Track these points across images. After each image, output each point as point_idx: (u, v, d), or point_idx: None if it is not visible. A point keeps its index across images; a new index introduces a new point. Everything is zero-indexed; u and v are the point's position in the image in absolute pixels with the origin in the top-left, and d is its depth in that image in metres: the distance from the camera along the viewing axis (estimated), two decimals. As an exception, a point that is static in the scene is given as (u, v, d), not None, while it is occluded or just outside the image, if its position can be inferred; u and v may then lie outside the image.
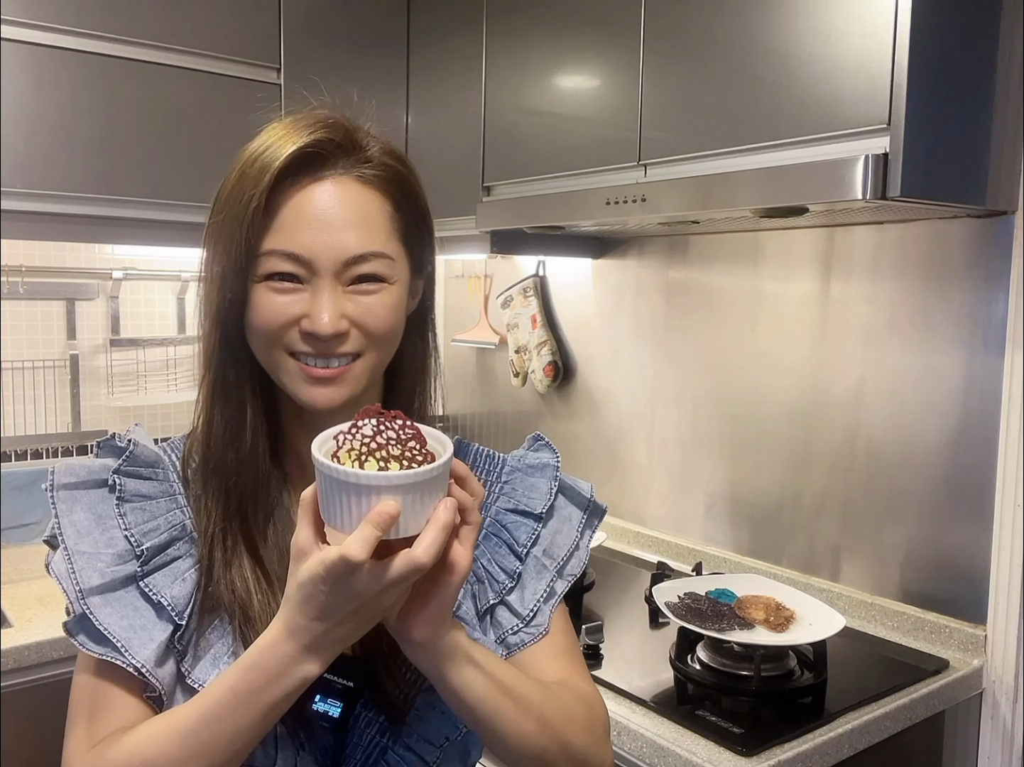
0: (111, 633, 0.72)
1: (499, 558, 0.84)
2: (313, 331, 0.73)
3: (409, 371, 0.84)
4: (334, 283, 0.74)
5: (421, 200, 0.81)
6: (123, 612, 0.73)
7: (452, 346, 2.64)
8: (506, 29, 1.89)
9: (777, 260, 1.82)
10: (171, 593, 0.75)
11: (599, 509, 0.91)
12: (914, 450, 1.61)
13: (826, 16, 1.29)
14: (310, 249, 0.73)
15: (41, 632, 1.59)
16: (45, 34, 1.68)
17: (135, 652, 0.72)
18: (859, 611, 1.68)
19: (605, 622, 1.60)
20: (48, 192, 1.71)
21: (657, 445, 2.10)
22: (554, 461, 0.89)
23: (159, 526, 0.77)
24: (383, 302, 0.76)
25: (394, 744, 0.78)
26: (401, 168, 0.79)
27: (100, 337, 2.19)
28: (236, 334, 0.77)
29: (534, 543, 0.85)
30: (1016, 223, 1.46)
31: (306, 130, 0.74)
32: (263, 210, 0.73)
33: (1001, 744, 1.53)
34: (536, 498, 0.86)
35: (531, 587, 0.84)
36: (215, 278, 0.76)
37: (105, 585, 0.74)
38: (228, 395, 0.78)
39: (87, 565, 0.74)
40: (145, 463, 0.80)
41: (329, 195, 0.74)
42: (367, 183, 0.76)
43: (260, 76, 1.94)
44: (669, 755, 1.24)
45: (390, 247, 0.77)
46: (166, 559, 0.76)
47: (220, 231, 0.75)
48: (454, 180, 2.02)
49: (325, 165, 0.75)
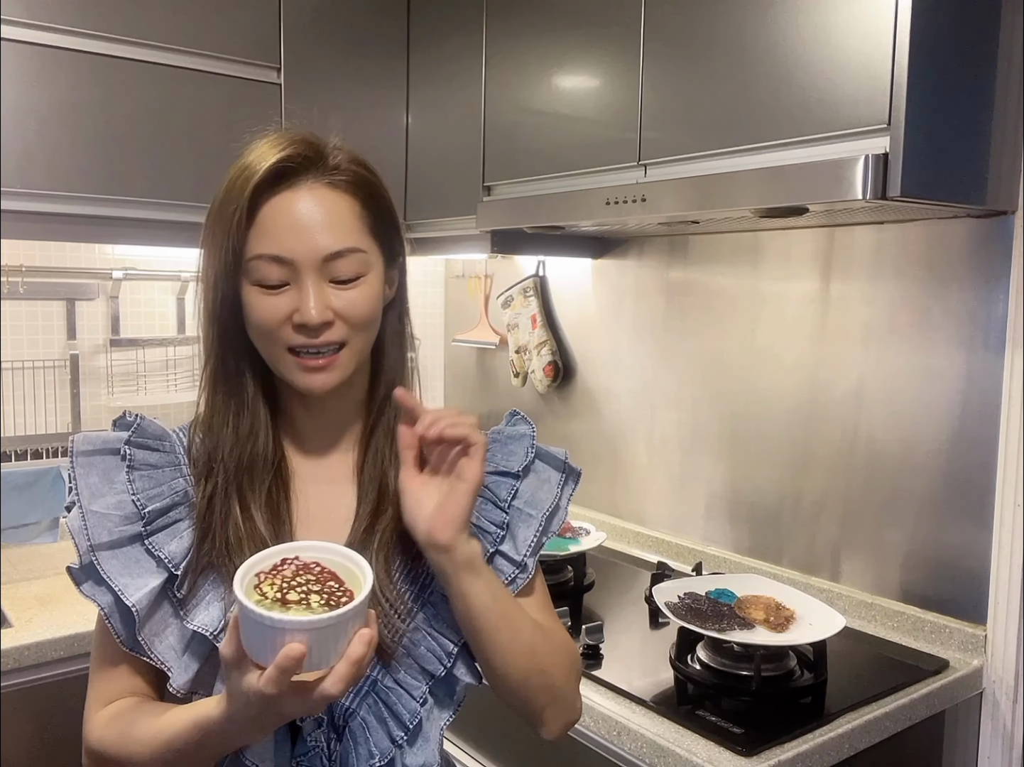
0: (111, 578, 0.83)
1: (486, 513, 0.92)
2: (303, 322, 0.83)
3: (391, 352, 0.94)
4: (317, 279, 0.84)
5: (385, 198, 0.90)
6: (126, 563, 0.84)
7: (452, 346, 2.64)
8: (506, 29, 1.89)
9: (777, 260, 1.82)
10: (169, 549, 0.85)
11: (574, 471, 0.98)
12: (914, 450, 1.61)
13: (826, 16, 1.29)
14: (291, 250, 0.83)
15: (41, 632, 1.59)
16: (45, 34, 1.68)
17: (130, 594, 0.83)
18: (859, 611, 1.68)
19: (605, 622, 1.60)
20: (48, 192, 1.72)
21: (657, 445, 2.10)
22: (530, 431, 0.97)
23: (163, 492, 0.87)
24: (363, 294, 0.86)
25: (383, 677, 0.86)
26: (366, 173, 0.88)
27: (100, 337, 2.19)
28: (233, 328, 0.87)
29: (514, 497, 0.94)
30: (1016, 223, 1.46)
31: (280, 148, 0.84)
32: (249, 220, 0.83)
33: (1001, 744, 1.53)
34: (514, 460, 0.95)
35: (521, 535, 0.93)
36: (209, 281, 0.86)
37: (113, 542, 0.84)
38: (229, 380, 0.88)
39: (98, 524, 0.84)
40: (153, 436, 0.90)
41: (304, 201, 0.84)
42: (336, 187, 0.86)
43: (260, 76, 1.94)
44: (669, 755, 1.24)
45: (363, 242, 0.86)
46: (168, 521, 0.86)
47: (212, 239, 0.85)
48: (454, 180, 2.02)
49: (299, 176, 0.84)
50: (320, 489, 0.92)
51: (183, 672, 0.85)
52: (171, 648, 0.85)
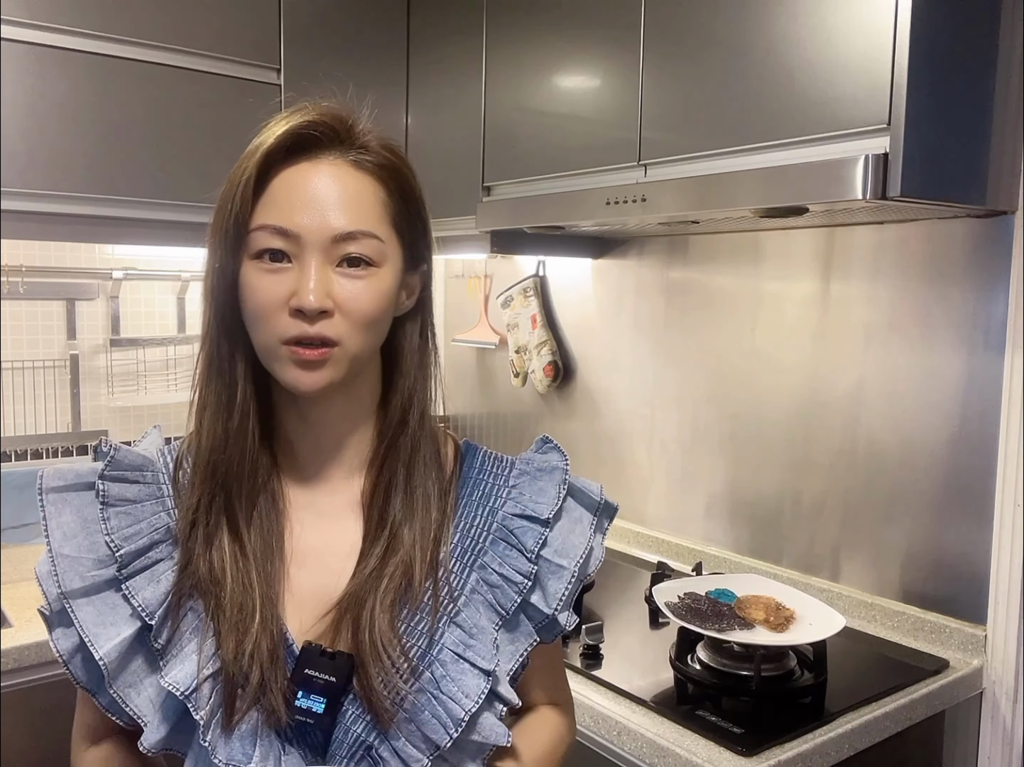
0: (83, 627, 0.75)
1: (511, 561, 0.83)
2: (299, 306, 0.74)
3: (407, 370, 0.84)
4: (323, 261, 0.75)
5: (416, 193, 0.82)
6: (101, 610, 0.76)
7: (452, 346, 2.64)
8: (506, 29, 1.89)
9: (777, 260, 1.82)
10: (144, 595, 0.76)
11: (610, 508, 0.89)
12: (914, 450, 1.61)
13: (826, 16, 1.29)
14: (299, 224, 0.74)
15: (41, 632, 1.59)
16: (45, 34, 1.68)
17: (100, 646, 0.75)
18: (859, 611, 1.68)
19: (605, 622, 1.60)
20: (48, 192, 1.72)
21: (657, 445, 2.10)
22: (563, 464, 0.88)
23: (141, 530, 0.79)
24: (370, 288, 0.77)
25: (380, 745, 0.76)
26: (397, 160, 0.80)
27: (100, 337, 2.19)
28: (230, 313, 0.78)
29: (542, 546, 0.83)
30: (1016, 223, 1.46)
31: (305, 115, 0.76)
32: (258, 187, 0.75)
33: (1001, 744, 1.53)
34: (543, 503, 0.85)
35: (551, 587, 0.83)
36: (210, 254, 0.78)
37: (87, 588, 0.76)
38: (221, 372, 0.79)
39: (69, 568, 0.76)
40: (131, 467, 0.81)
41: (322, 175, 0.76)
42: (361, 168, 0.78)
43: (260, 76, 1.94)
44: (669, 755, 1.24)
45: (381, 229, 0.77)
46: (146, 562, 0.78)
47: (219, 209, 0.77)
48: (454, 180, 2.02)
49: (321, 148, 0.77)
50: (319, 520, 0.83)
51: (154, 731, 0.76)
52: (149, 701, 0.77)
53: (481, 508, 0.86)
